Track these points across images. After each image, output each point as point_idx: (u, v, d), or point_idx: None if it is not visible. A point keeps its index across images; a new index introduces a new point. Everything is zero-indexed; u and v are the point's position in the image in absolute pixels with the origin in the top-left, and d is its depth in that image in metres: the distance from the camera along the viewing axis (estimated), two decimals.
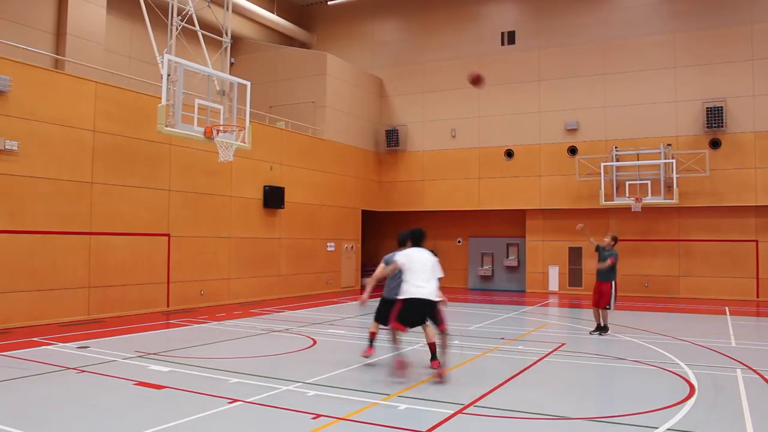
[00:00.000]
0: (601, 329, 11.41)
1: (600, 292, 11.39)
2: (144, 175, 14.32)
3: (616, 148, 20.02)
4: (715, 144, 19.02)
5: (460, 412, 6.05)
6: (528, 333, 11.85)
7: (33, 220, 12.10)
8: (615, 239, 11.71)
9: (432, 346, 7.48)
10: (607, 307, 11.34)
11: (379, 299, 8.50)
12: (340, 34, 24.60)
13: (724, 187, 18.85)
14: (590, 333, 11.50)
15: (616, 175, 19.80)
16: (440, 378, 7.31)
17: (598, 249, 11.72)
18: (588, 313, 15.40)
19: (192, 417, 5.81)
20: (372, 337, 8.52)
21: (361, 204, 22.55)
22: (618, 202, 19.51)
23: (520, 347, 10.03)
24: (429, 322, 7.55)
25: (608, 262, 11.25)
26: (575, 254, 21.10)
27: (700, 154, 18.90)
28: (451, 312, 15.81)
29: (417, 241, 7.82)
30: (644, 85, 19.91)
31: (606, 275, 11.39)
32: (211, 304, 15.83)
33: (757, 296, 18.71)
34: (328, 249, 20.71)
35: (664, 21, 19.89)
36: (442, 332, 7.53)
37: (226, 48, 14.51)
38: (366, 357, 8.43)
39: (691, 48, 19.43)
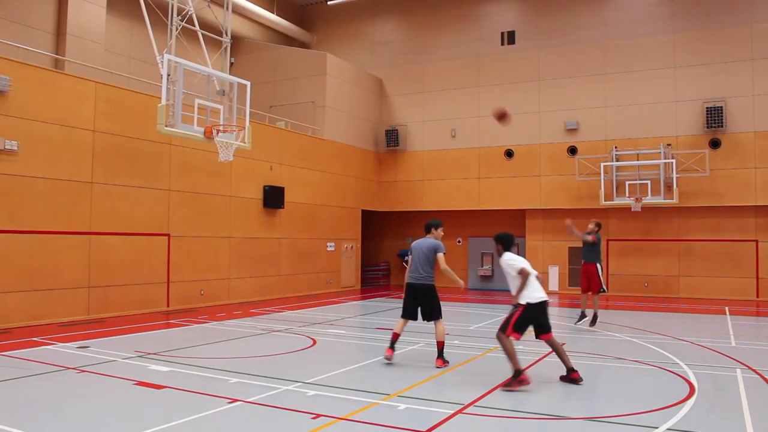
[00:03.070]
0: (593, 319, 11.45)
1: (588, 273, 11.55)
2: (144, 175, 14.32)
3: (616, 148, 20.01)
4: (715, 144, 19.02)
5: (460, 412, 6.05)
6: (528, 333, 11.82)
7: (33, 220, 12.10)
8: (598, 225, 11.92)
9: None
10: (603, 290, 11.44)
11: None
12: (340, 34, 24.60)
13: (724, 187, 18.85)
14: (575, 324, 11.55)
15: (616, 175, 19.79)
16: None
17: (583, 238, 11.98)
18: (588, 313, 15.40)
19: (192, 417, 5.81)
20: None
21: (361, 204, 22.55)
22: (618, 202, 19.51)
23: (520, 347, 10.01)
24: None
25: (589, 238, 11.53)
26: (575, 254, 21.07)
27: (700, 154, 18.90)
28: (451, 312, 15.83)
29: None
30: (644, 85, 19.91)
31: (591, 255, 11.57)
32: (211, 304, 15.83)
33: (757, 296, 18.70)
34: (328, 249, 20.70)
35: (664, 21, 19.88)
36: None
37: (226, 48, 14.50)
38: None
39: (691, 48, 19.43)
